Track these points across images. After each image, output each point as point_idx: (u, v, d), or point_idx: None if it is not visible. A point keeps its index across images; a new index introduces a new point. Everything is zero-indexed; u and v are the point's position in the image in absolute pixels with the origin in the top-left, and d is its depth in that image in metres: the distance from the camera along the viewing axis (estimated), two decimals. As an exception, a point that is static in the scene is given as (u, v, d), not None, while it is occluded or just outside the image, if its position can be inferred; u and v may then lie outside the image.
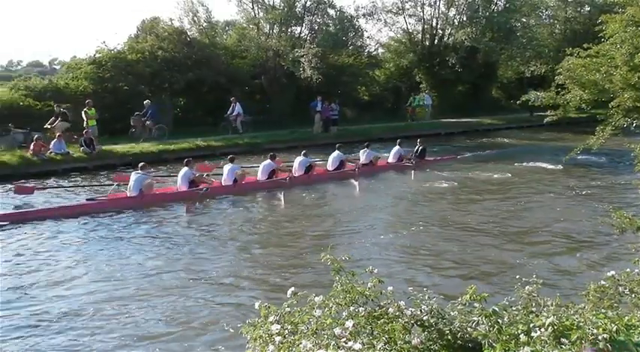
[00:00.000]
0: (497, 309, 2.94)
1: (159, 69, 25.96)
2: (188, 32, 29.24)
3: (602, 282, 3.43)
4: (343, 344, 2.75)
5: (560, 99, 12.51)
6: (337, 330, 2.86)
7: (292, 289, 3.39)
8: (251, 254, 9.94)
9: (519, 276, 3.53)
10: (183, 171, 14.40)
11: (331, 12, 31.63)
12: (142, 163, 14.20)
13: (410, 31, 36.42)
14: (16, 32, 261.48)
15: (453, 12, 35.12)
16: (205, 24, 30.65)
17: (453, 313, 3.07)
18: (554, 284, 7.87)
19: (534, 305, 3.13)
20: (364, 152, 18.39)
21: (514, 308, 3.09)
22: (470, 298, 3.03)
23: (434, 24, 35.50)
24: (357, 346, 2.69)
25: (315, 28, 31.02)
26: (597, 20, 13.01)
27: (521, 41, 34.00)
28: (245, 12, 30.66)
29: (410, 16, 35.65)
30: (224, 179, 15.09)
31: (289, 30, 30.29)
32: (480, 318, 2.88)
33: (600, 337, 2.59)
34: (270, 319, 3.15)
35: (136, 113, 22.54)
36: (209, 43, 29.21)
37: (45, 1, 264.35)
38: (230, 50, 30.31)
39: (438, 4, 34.94)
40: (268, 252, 10.04)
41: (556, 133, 27.38)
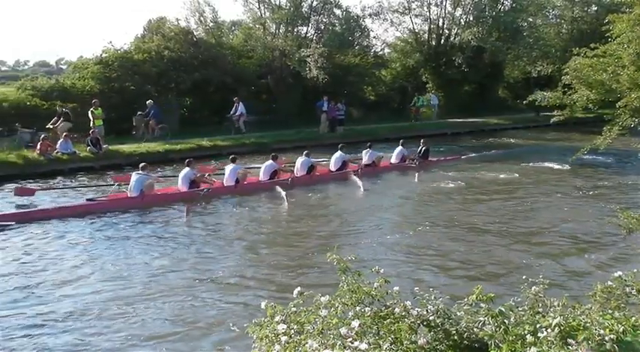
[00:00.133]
0: (504, 310, 2.94)
1: (165, 69, 25.97)
2: (194, 32, 29.32)
3: (609, 283, 3.42)
4: (349, 344, 2.76)
5: (567, 99, 12.46)
6: (343, 330, 2.86)
7: (298, 289, 3.40)
8: (256, 254, 9.93)
9: (526, 277, 3.53)
10: (185, 171, 14.36)
11: (337, 12, 31.78)
12: (142, 163, 14.12)
13: (416, 30, 36.50)
14: (24, 32, 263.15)
15: (459, 12, 35.16)
16: (212, 24, 30.76)
17: (459, 313, 3.07)
18: (561, 284, 7.85)
19: (541, 305, 3.13)
20: (367, 152, 18.16)
21: (520, 309, 3.09)
22: (476, 298, 3.04)
23: (440, 24, 35.53)
24: (363, 346, 2.70)
25: (322, 27, 31.08)
26: (604, 20, 12.95)
27: (528, 41, 33.93)
28: (251, 12, 30.72)
29: (416, 15, 35.72)
30: (226, 179, 14.99)
31: (295, 30, 30.31)
32: (487, 318, 2.89)
33: (607, 338, 2.59)
34: (277, 319, 3.16)
35: (138, 113, 22.57)
36: (215, 43, 29.25)
37: (52, 1, 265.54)
38: (236, 50, 30.33)
39: (444, 4, 35.01)
40: (274, 252, 10.02)
41: (563, 133, 27.31)
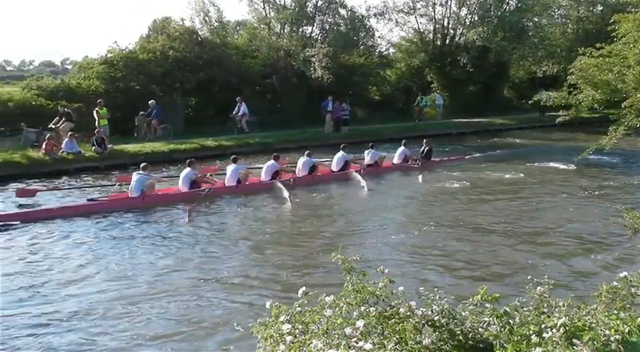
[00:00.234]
0: (509, 310, 2.94)
1: (170, 69, 25.98)
2: (199, 32, 29.30)
3: (615, 283, 3.41)
4: (354, 344, 2.76)
5: (572, 99, 12.45)
6: (348, 330, 2.87)
7: (303, 289, 3.41)
8: (261, 253, 9.94)
9: (531, 277, 3.53)
10: (186, 171, 14.33)
11: (342, 12, 31.79)
12: (143, 163, 14.07)
13: (421, 30, 36.40)
14: (29, 32, 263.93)
15: (464, 11, 35.05)
16: (216, 24, 30.76)
17: (464, 313, 3.07)
18: (566, 285, 7.83)
19: (546, 305, 3.12)
20: (369, 152, 18.02)
21: (525, 309, 3.08)
22: (481, 298, 3.04)
23: (445, 24, 35.43)
24: (368, 346, 2.70)
25: (326, 27, 31.08)
26: (610, 20, 12.95)
27: (533, 41, 33.78)
28: (256, 12, 30.72)
29: (421, 15, 35.65)
30: (227, 179, 14.92)
31: (300, 30, 30.31)
32: (492, 319, 2.88)
33: (612, 338, 2.58)
34: (281, 318, 3.16)
35: (140, 113, 22.58)
36: (220, 43, 29.24)
37: (57, 1, 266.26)
38: (241, 50, 30.33)
39: (449, 4, 34.90)
40: (278, 252, 10.02)
41: (568, 133, 27.22)
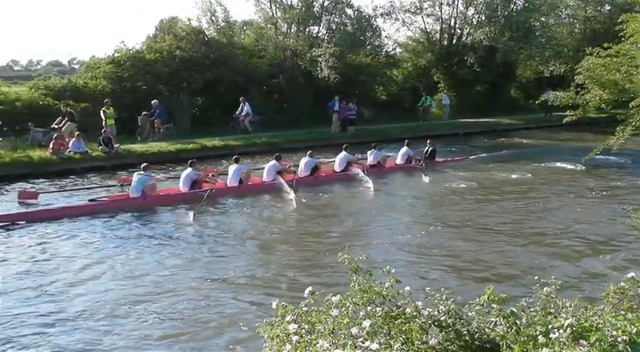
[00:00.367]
0: (516, 310, 2.93)
1: (177, 68, 25.99)
2: (206, 32, 29.29)
3: (622, 284, 3.39)
4: (360, 343, 2.76)
5: (579, 99, 12.40)
6: (354, 330, 2.87)
7: (310, 288, 3.41)
8: (267, 253, 9.96)
9: (538, 277, 3.51)
10: (187, 171, 14.27)
11: (349, 11, 31.65)
12: (144, 164, 14.00)
13: (428, 30, 36.31)
14: (37, 32, 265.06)
15: (471, 11, 34.92)
16: (223, 23, 30.74)
17: (470, 314, 3.06)
18: (574, 285, 7.81)
19: (553, 306, 3.11)
20: (372, 153, 17.84)
21: (532, 310, 3.08)
22: (488, 299, 3.03)
23: (452, 23, 35.31)
24: (374, 346, 2.70)
25: (333, 27, 31.00)
26: (617, 19, 12.89)
27: (541, 41, 33.65)
28: (263, 11, 30.70)
29: (428, 15, 35.53)
30: (229, 180, 14.84)
31: (307, 29, 30.27)
32: (498, 319, 2.88)
33: (619, 339, 2.57)
34: (288, 318, 3.16)
35: (143, 113, 22.55)
36: (227, 43, 29.23)
37: (66, 1, 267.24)
38: (248, 50, 30.32)
39: (456, 4, 34.75)
40: (284, 252, 10.04)
41: (575, 133, 27.09)
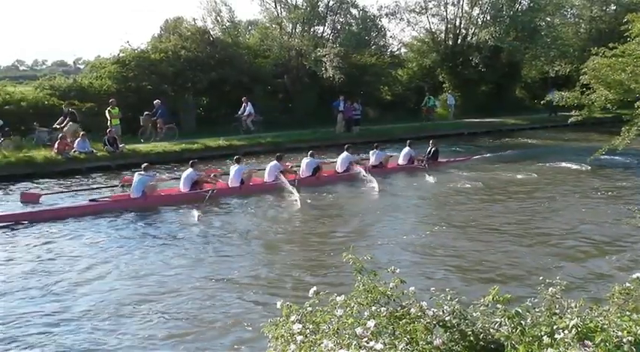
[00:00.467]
0: (521, 311, 2.92)
1: (182, 68, 26.03)
2: (211, 32, 29.36)
3: (627, 284, 3.38)
4: (365, 344, 2.76)
5: (585, 99, 12.38)
6: (359, 330, 2.87)
7: (314, 288, 3.41)
8: (271, 253, 9.96)
9: (543, 278, 3.51)
10: (187, 171, 14.25)
11: (354, 11, 31.65)
12: (145, 164, 13.97)
13: (433, 30, 36.19)
14: (41, 32, 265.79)
15: (476, 11, 34.81)
16: (228, 23, 30.83)
17: (475, 314, 3.06)
18: (579, 286, 7.79)
19: (558, 306, 3.11)
20: (373, 153, 17.75)
21: (537, 310, 3.07)
22: (492, 299, 3.02)
23: (457, 23, 35.23)
24: (379, 346, 2.70)
25: (338, 27, 31.01)
26: (623, 19, 12.88)
27: (546, 40, 33.54)
28: (268, 11, 30.69)
29: (433, 15, 35.42)
30: (231, 180, 14.80)
31: (312, 29, 30.25)
32: (503, 319, 2.87)
33: (625, 340, 2.57)
34: (292, 318, 3.17)
35: (145, 113, 22.49)
36: (232, 43, 29.27)
37: (71, 1, 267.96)
38: (253, 49, 30.34)
39: (461, 4, 34.63)
40: (288, 252, 10.05)
41: (581, 133, 26.98)
